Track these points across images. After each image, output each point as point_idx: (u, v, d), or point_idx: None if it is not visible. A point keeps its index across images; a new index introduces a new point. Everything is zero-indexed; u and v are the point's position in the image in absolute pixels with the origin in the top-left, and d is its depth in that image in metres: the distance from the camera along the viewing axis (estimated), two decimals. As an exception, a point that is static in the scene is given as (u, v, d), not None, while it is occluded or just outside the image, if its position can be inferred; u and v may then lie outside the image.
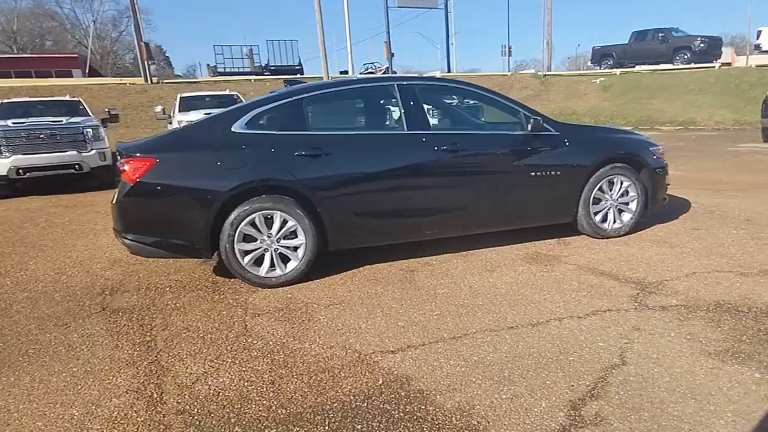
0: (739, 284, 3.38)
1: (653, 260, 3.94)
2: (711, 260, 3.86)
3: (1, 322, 3.45)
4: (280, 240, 3.73)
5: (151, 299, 3.71)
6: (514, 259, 4.15)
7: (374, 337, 2.93)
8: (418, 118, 3.96)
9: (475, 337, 2.84)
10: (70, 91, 14.83)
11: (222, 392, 2.44)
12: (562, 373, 2.42)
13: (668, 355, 2.54)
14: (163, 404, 2.37)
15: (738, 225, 4.80)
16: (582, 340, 2.73)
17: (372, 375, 2.52)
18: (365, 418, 2.17)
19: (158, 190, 3.52)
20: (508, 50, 31.71)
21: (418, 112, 3.98)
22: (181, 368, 2.69)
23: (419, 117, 3.97)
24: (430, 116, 4.27)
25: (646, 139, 4.76)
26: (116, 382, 2.58)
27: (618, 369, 2.44)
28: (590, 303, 3.21)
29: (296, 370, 2.61)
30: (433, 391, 2.34)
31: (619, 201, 4.52)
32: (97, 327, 3.28)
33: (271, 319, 3.26)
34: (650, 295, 3.29)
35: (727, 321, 2.87)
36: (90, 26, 37.41)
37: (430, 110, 4.35)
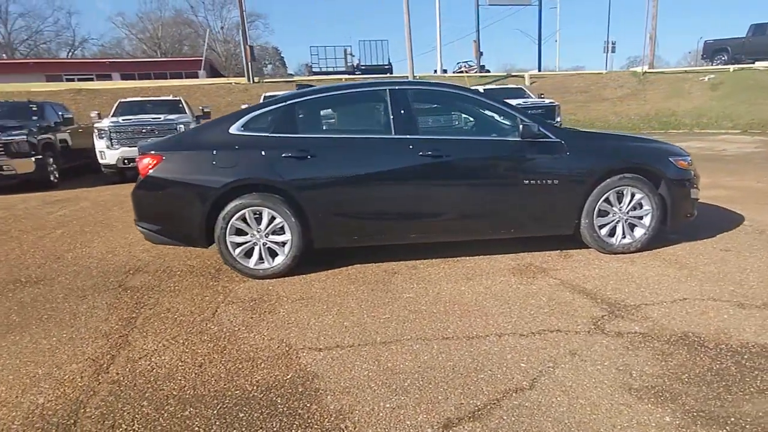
0: (728, 317, 2.95)
1: (648, 281, 3.56)
2: (715, 287, 3.40)
3: (42, 289, 4.01)
4: (269, 235, 3.92)
5: (159, 280, 4.09)
6: (501, 268, 3.97)
7: (314, 333, 3.00)
8: (406, 123, 3.93)
9: (404, 344, 2.80)
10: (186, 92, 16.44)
11: (155, 369, 2.67)
12: (460, 391, 2.33)
13: (584, 384, 2.33)
14: (106, 374, 2.65)
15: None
16: (506, 359, 2.59)
17: (286, 369, 2.60)
18: (252, 408, 2.27)
19: (163, 184, 3.87)
20: (609, 46, 29.43)
21: (407, 117, 3.94)
22: (140, 344, 2.97)
23: (407, 122, 3.93)
24: (422, 121, 4.19)
25: (667, 147, 4.26)
26: (85, 350, 2.92)
27: (520, 393, 2.29)
28: (544, 321, 3.00)
29: (227, 356, 2.77)
30: (327, 392, 2.37)
31: (629, 215, 4.11)
32: (104, 301, 3.69)
33: (239, 307, 3.45)
34: (615, 319, 2.99)
35: (679, 356, 2.54)
36: (209, 32, 40.78)
37: (422, 115, 4.26)
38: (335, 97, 4.21)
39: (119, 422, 2.21)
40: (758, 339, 2.66)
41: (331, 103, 4.23)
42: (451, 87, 4.31)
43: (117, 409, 2.31)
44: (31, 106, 11.67)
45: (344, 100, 4.23)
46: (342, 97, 4.22)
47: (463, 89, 4.24)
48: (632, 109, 19.45)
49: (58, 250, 5.22)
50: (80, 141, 11.75)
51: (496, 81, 22.34)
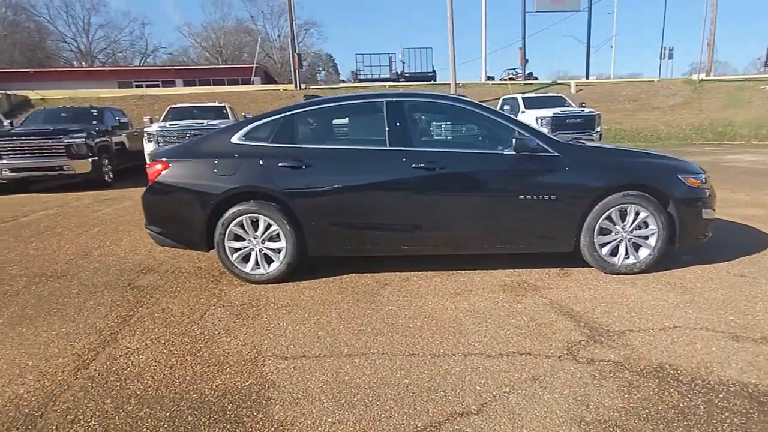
0: (717, 349, 2.72)
1: (643, 306, 3.34)
2: (714, 315, 3.15)
3: (61, 284, 4.27)
4: (265, 242, 3.99)
5: (165, 281, 4.25)
6: (493, 285, 3.85)
7: (286, 342, 3.02)
8: (401, 135, 3.89)
9: (368, 358, 2.77)
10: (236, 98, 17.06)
11: (130, 367, 2.77)
12: (405, 410, 2.27)
13: (534, 413, 2.21)
14: (85, 369, 2.77)
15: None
16: (464, 381, 2.50)
17: (247, 376, 2.63)
18: (202, 412, 2.31)
19: (168, 190, 4.02)
20: (665, 52, 27.92)
21: (402, 128, 3.91)
22: (125, 342, 3.10)
23: (402, 134, 3.90)
24: (424, 133, 4.12)
25: (676, 164, 3.99)
26: (75, 345, 3.08)
27: (464, 417, 2.20)
28: (517, 343, 2.88)
29: (199, 359, 2.84)
30: (277, 402, 2.38)
31: (633, 234, 3.88)
32: (110, 298, 3.88)
33: (227, 311, 3.53)
34: (593, 345, 2.83)
35: (646, 389, 2.37)
36: (260, 40, 42.06)
37: (418, 127, 4.20)
38: (333, 108, 4.23)
39: (79, 417, 2.31)
40: (741, 377, 2.44)
41: (329, 114, 4.25)
42: (449, 99, 4.24)
43: (81, 405, 2.41)
44: (92, 111, 12.48)
45: (342, 112, 4.25)
46: (340, 109, 4.24)
47: (462, 101, 4.14)
48: (685, 119, 18.39)
49: (89, 247, 5.53)
50: (135, 144, 12.43)
51: (540, 89, 21.72)
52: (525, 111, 13.08)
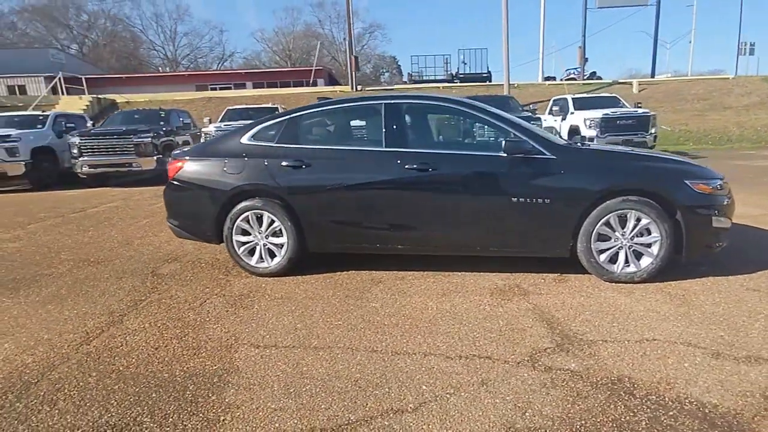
0: (689, 365, 2.54)
1: (629, 316, 3.17)
2: (703, 330, 2.93)
3: (97, 269, 4.69)
4: (268, 237, 4.17)
5: (183, 270, 4.55)
6: (483, 287, 3.79)
7: (265, 331, 3.16)
8: (396, 136, 3.92)
9: (332, 351, 2.85)
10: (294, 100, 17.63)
11: (123, 346, 3.02)
12: (345, 403, 2.33)
13: (468, 417, 2.19)
14: (87, 345, 3.06)
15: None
16: (413, 380, 2.52)
17: (217, 361, 2.79)
18: (166, 391, 2.49)
19: (185, 187, 4.30)
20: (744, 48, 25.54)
21: (399, 130, 3.94)
22: (128, 323, 3.37)
23: (398, 135, 3.93)
24: (415, 135, 4.11)
25: (685, 168, 3.71)
26: (87, 324, 3.39)
27: (397, 414, 2.23)
28: (482, 347, 2.84)
29: (182, 343, 3.04)
30: (234, 386, 2.52)
31: (634, 241, 3.67)
32: (131, 284, 4.22)
33: (224, 300, 3.73)
34: (558, 353, 2.73)
35: (593, 401, 2.27)
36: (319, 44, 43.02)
37: (415, 129, 4.18)
38: (335, 110, 4.33)
39: (65, 387, 2.57)
40: (703, 396, 2.27)
41: (332, 116, 4.35)
42: (446, 101, 4.20)
43: (70, 376, 2.67)
44: (160, 113, 13.42)
45: (344, 114, 4.33)
46: (342, 111, 4.33)
47: (459, 103, 4.09)
48: (760, 120, 16.79)
49: (133, 237, 6.01)
50: (198, 143, 13.23)
51: (600, 88, 20.65)
52: (574, 112, 12.53)
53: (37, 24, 57.78)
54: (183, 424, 2.20)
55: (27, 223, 7.25)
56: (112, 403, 2.39)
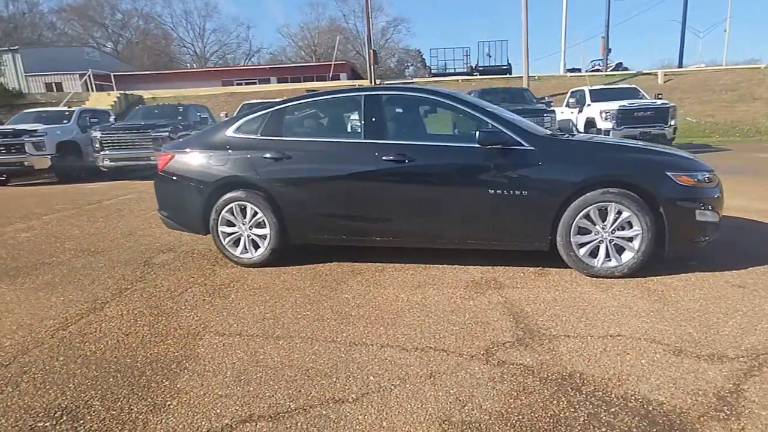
0: (646, 362, 2.45)
1: (600, 311, 3.07)
2: (672, 327, 2.81)
3: (95, 259, 4.83)
4: (252, 228, 4.21)
5: (175, 260, 4.65)
6: (460, 280, 3.74)
7: (234, 320, 3.20)
8: (375, 128, 3.89)
9: (292, 341, 2.86)
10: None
11: (95, 332, 3.11)
12: (289, 391, 2.34)
13: (407, 408, 2.17)
14: (63, 331, 3.16)
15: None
16: (363, 370, 2.51)
17: (180, 348, 2.84)
18: (123, 375, 2.54)
19: (172, 178, 4.38)
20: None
21: (377, 121, 3.91)
22: (108, 311, 3.46)
23: (377, 127, 3.90)
24: (394, 126, 4.07)
25: (667, 160, 3.56)
26: (69, 310, 3.50)
27: (337, 404, 2.22)
28: (441, 339, 2.80)
29: (152, 330, 3.10)
30: (189, 372, 2.56)
31: (615, 235, 3.56)
32: (122, 273, 4.33)
33: (204, 290, 3.80)
34: (516, 347, 2.67)
35: (536, 396, 2.21)
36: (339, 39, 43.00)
37: (394, 120, 4.12)
38: (316, 102, 4.32)
39: (32, 369, 2.66)
40: (652, 393, 2.18)
41: (313, 108, 4.34)
42: (426, 92, 4.13)
43: (39, 360, 2.76)
44: (179, 109, 13.71)
45: (325, 106, 4.32)
46: (323, 103, 4.32)
47: (437, 93, 4.01)
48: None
49: (137, 228, 6.16)
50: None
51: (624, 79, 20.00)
52: (591, 104, 12.18)
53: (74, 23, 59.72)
54: (130, 408, 2.25)
55: (44, 213, 7.53)
56: (69, 387, 2.46)
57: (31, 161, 11.77)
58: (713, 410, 2.04)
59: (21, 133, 11.79)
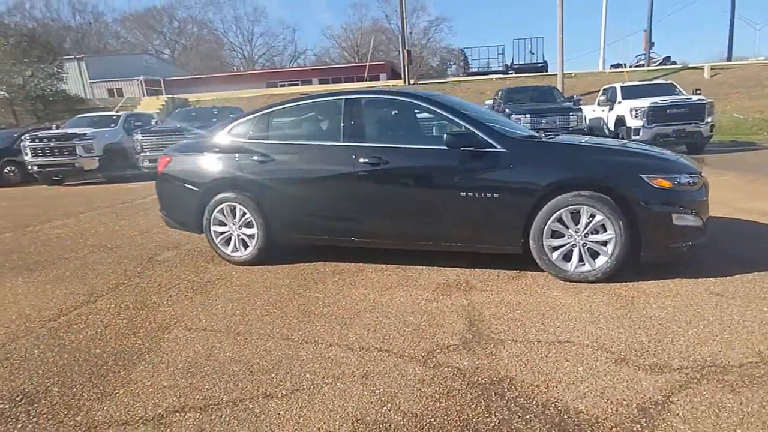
0: (583, 370, 2.38)
1: (560, 317, 3.00)
2: (626, 335, 2.71)
3: (107, 255, 5.15)
4: (241, 227, 4.37)
5: (176, 257, 4.89)
6: (431, 282, 3.74)
7: (205, 316, 3.34)
8: (353, 131, 3.95)
9: (248, 337, 2.96)
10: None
11: (79, 324, 3.34)
12: (227, 385, 2.43)
13: (329, 405, 2.22)
14: (54, 321, 3.41)
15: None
16: (303, 367, 2.57)
17: (148, 341, 3.01)
18: (87, 365, 2.72)
19: (170, 180, 4.61)
20: None
21: (356, 124, 3.96)
22: (99, 304, 3.70)
23: (355, 129, 3.95)
24: (372, 129, 4.09)
25: (641, 162, 3.41)
26: (65, 302, 3.77)
27: (267, 399, 2.30)
28: (389, 340, 2.83)
29: (129, 323, 3.29)
30: (145, 363, 2.71)
31: (589, 239, 3.45)
32: (125, 268, 4.60)
33: (190, 286, 3.98)
34: (459, 351, 2.66)
35: (458, 399, 2.21)
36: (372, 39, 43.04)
37: (373, 123, 4.14)
38: (302, 106, 4.41)
39: (13, 355, 2.90)
40: (574, 402, 2.13)
41: (298, 112, 4.43)
42: (403, 95, 4.14)
43: (22, 347, 3.01)
44: (213, 111, 14.27)
45: (308, 110, 4.40)
46: (307, 107, 4.40)
47: (416, 96, 4.00)
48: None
49: (154, 226, 6.50)
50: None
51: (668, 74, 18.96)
52: (621, 101, 11.67)
53: (136, 32, 63.19)
54: (81, 395, 2.42)
55: (81, 212, 8.07)
56: (38, 373, 2.67)
57: (81, 162, 12.60)
58: (629, 422, 1.97)
59: (72, 137, 12.65)
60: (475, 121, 3.72)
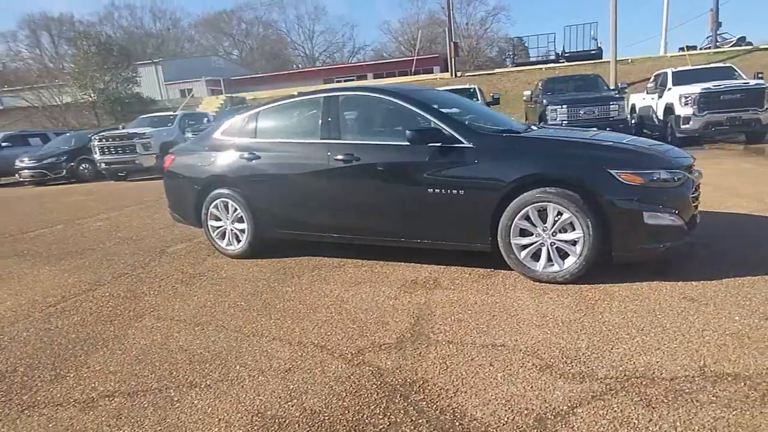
0: (503, 376, 2.26)
1: (507, 319, 2.86)
2: (565, 341, 2.54)
3: (128, 246, 5.52)
4: (234, 222, 4.54)
5: (184, 250, 5.16)
6: (401, 279, 3.69)
7: (178, 306, 3.51)
8: (330, 128, 3.97)
9: (205, 329, 3.08)
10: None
11: (71, 310, 3.62)
12: (160, 373, 2.56)
13: (239, 397, 2.28)
14: (54, 307, 3.73)
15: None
16: (239, 359, 2.65)
17: (118, 328, 3.21)
18: (54, 349, 2.95)
19: (173, 178, 4.87)
20: None
21: (334, 122, 3.98)
22: (98, 292, 4.00)
23: (332, 127, 3.97)
24: (348, 126, 4.07)
25: (614, 155, 3.16)
26: (70, 290, 4.10)
27: (189, 388, 2.40)
28: (330, 336, 2.84)
29: (112, 312, 3.52)
30: (106, 350, 2.90)
31: (557, 238, 3.26)
32: (135, 259, 4.93)
33: (180, 278, 4.19)
34: (390, 350, 2.62)
35: (363, 398, 2.18)
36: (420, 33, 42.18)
37: (349, 120, 4.09)
38: (285, 105, 4.46)
39: (5, 337, 3.21)
40: (474, 409, 2.04)
41: (285, 111, 4.48)
42: (375, 91, 4.08)
43: (16, 329, 3.32)
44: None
45: (293, 108, 4.44)
46: (291, 105, 4.44)
47: (386, 92, 3.93)
48: None
49: (180, 220, 6.86)
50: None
51: (737, 56, 17.19)
52: (671, 88, 10.75)
53: (208, 35, 66.69)
54: (38, 376, 2.64)
55: (126, 206, 8.71)
56: (15, 354, 2.94)
57: (140, 160, 13.56)
58: (515, 430, 1.86)
59: (133, 136, 13.63)
60: (443, 116, 3.61)
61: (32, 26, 55.37)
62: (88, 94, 28.48)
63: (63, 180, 15.05)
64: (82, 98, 28.42)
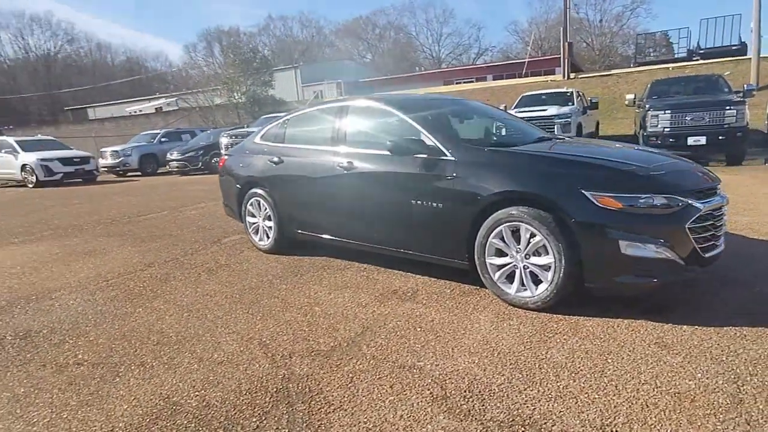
0: (387, 406, 2.17)
1: (448, 343, 2.67)
2: (485, 374, 2.30)
3: (192, 234, 6.20)
4: (264, 220, 4.89)
5: (233, 241, 5.65)
6: (384, 287, 3.65)
7: (183, 293, 3.87)
8: (340, 136, 4.07)
9: (186, 313, 3.39)
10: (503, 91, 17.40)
11: (112, 287, 4.20)
12: (111, 352, 2.90)
13: (145, 383, 2.51)
14: (104, 282, 4.38)
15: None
16: (173, 348, 2.86)
17: (125, 306, 3.68)
18: (58, 323, 3.52)
19: (224, 176, 5.38)
20: None
21: (341, 130, 4.07)
22: (142, 273, 4.58)
23: (342, 134, 4.07)
24: (354, 134, 4.06)
25: (597, 175, 2.72)
26: (127, 268, 4.77)
27: (112, 368, 2.67)
28: (274, 337, 2.93)
29: (136, 292, 4.01)
30: (96, 332, 3.36)
31: (530, 261, 2.95)
32: (190, 247, 5.53)
33: (210, 266, 4.61)
34: (317, 358, 2.63)
35: (251, 396, 2.26)
36: (534, 31, 38.86)
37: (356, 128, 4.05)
38: (309, 113, 4.63)
39: (59, 302, 3.86)
40: (339, 430, 1.99)
41: (306, 119, 4.63)
42: (380, 101, 4.00)
43: (71, 297, 3.97)
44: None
45: (315, 116, 4.57)
46: (313, 114, 4.59)
47: (387, 102, 3.86)
48: None
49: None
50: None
51: None
52: None
53: (345, 40, 70.91)
54: (50, 339, 3.15)
55: (209, 199, 9.65)
56: (52, 318, 3.52)
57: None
58: None
59: (250, 135, 15.06)
60: (431, 127, 3.47)
61: (208, 38, 64.06)
62: (233, 96, 32.22)
63: (199, 171, 17.21)
64: (230, 100, 32.29)
